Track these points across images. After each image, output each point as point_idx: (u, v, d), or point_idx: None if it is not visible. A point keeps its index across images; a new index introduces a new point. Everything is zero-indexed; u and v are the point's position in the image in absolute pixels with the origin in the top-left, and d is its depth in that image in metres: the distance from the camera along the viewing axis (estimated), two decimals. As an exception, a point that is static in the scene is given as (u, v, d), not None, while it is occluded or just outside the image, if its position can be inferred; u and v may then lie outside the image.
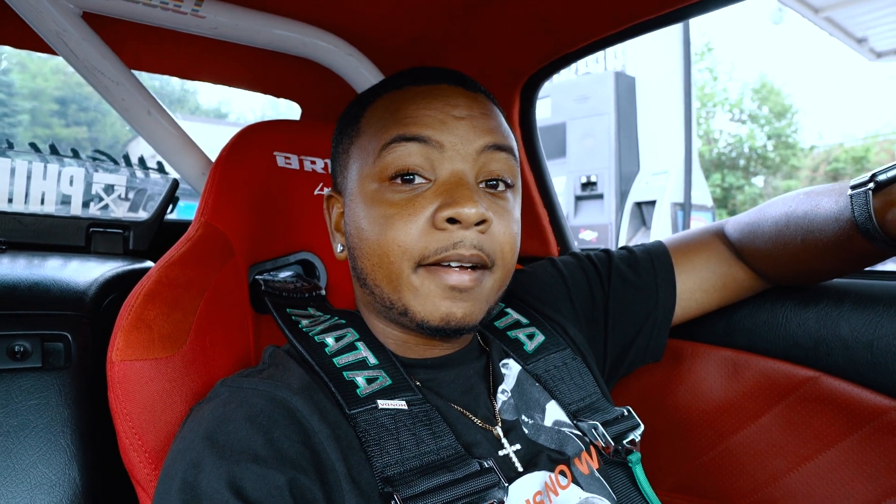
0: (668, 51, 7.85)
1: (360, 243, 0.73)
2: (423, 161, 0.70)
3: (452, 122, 0.71)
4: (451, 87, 0.74)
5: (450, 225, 0.68)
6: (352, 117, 0.79)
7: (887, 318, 0.90)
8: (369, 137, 0.74)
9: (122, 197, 1.32)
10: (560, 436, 0.77)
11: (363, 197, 0.73)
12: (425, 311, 0.70)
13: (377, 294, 0.73)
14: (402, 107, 0.72)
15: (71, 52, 1.06)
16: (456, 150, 0.70)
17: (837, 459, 0.96)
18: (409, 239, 0.68)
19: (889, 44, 6.31)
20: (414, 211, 0.69)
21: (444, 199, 0.68)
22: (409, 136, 0.70)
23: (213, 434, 0.60)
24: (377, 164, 0.71)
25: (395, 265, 0.69)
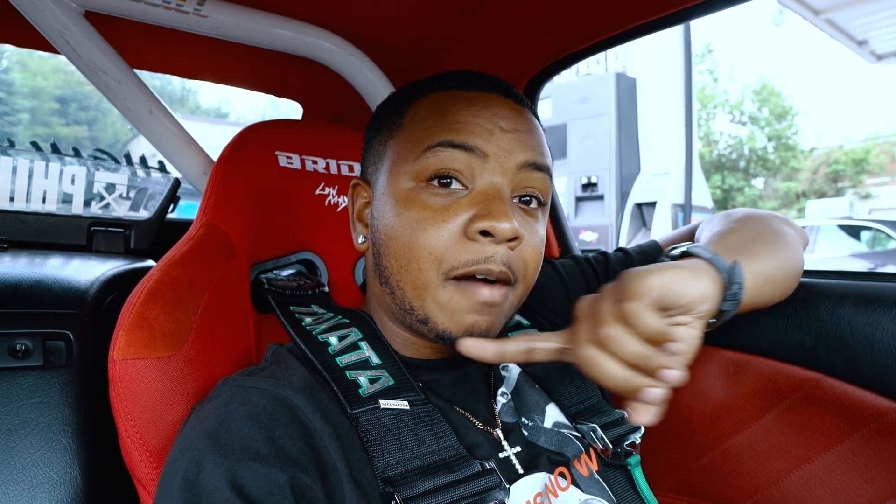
0: (669, 52, 7.86)
1: (388, 241, 0.72)
2: (465, 168, 0.69)
3: (499, 133, 0.71)
4: (499, 98, 0.74)
5: (482, 237, 0.67)
6: (394, 110, 0.78)
7: (888, 319, 0.90)
8: (413, 135, 0.73)
9: (123, 196, 1.33)
10: (560, 438, 0.77)
11: (396, 193, 0.72)
12: (450, 324, 0.69)
13: (398, 296, 0.72)
14: (451, 111, 0.72)
15: (73, 50, 1.06)
16: (498, 162, 0.70)
17: (838, 461, 0.96)
18: (440, 247, 0.68)
19: (890, 46, 6.31)
20: (448, 218, 0.68)
21: (480, 209, 0.68)
22: (456, 142, 0.69)
23: (215, 433, 0.60)
24: (418, 164, 0.70)
25: (423, 272, 0.69)
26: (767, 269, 0.78)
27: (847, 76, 37.23)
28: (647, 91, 8.11)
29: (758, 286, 0.76)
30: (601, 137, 7.98)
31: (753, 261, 0.76)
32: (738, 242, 0.78)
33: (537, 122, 0.78)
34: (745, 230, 0.82)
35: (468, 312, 0.69)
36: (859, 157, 20.85)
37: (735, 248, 0.77)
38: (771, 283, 0.80)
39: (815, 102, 35.48)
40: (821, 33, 5.90)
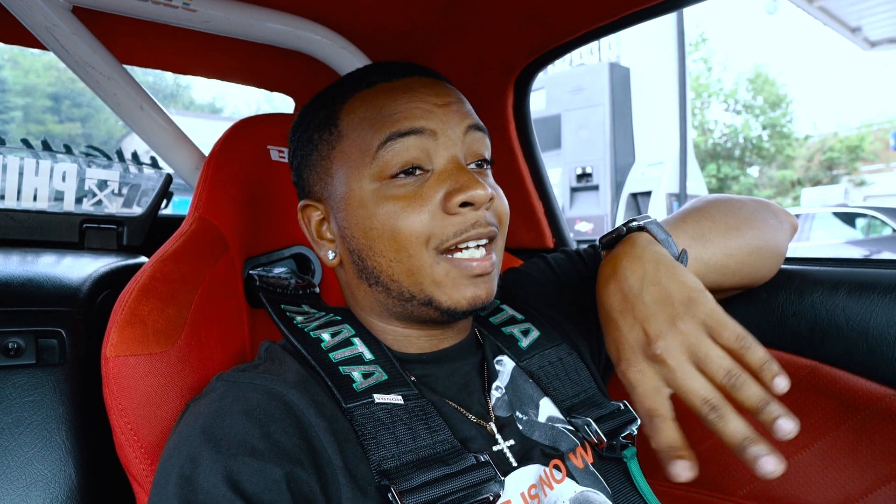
0: (663, 41, 7.85)
1: (370, 242, 0.72)
2: (421, 153, 0.71)
3: (437, 110, 0.73)
4: (421, 79, 0.76)
5: (462, 209, 0.70)
6: (323, 122, 0.77)
7: (882, 306, 0.90)
8: (357, 139, 0.73)
9: (115, 192, 1.32)
10: (554, 431, 0.77)
11: (363, 198, 0.72)
12: (452, 300, 0.71)
13: (394, 289, 0.73)
14: (385, 104, 0.73)
15: (61, 46, 1.05)
16: (447, 136, 0.72)
17: (834, 447, 0.97)
18: (425, 227, 0.70)
19: (883, 33, 6.32)
20: (423, 200, 0.70)
21: (451, 184, 0.70)
22: (403, 131, 0.70)
23: (210, 428, 0.60)
24: (375, 165, 0.71)
25: (414, 257, 0.70)
26: (716, 258, 0.80)
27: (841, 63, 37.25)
28: (641, 81, 8.10)
29: (700, 273, 0.79)
30: (595, 128, 7.98)
31: (703, 248, 0.79)
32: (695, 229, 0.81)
33: (456, 90, 0.80)
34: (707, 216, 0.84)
35: (466, 286, 0.71)
36: (854, 145, 20.89)
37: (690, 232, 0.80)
38: (717, 271, 0.82)
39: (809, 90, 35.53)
40: (814, 21, 5.90)
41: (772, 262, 0.91)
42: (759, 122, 22.57)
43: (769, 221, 0.88)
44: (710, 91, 22.84)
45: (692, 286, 0.66)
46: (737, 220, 0.85)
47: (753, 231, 0.86)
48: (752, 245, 0.86)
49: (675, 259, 0.71)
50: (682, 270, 0.68)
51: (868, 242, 8.77)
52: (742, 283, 0.89)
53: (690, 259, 0.75)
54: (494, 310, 0.91)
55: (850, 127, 23.00)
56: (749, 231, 0.85)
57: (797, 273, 1.01)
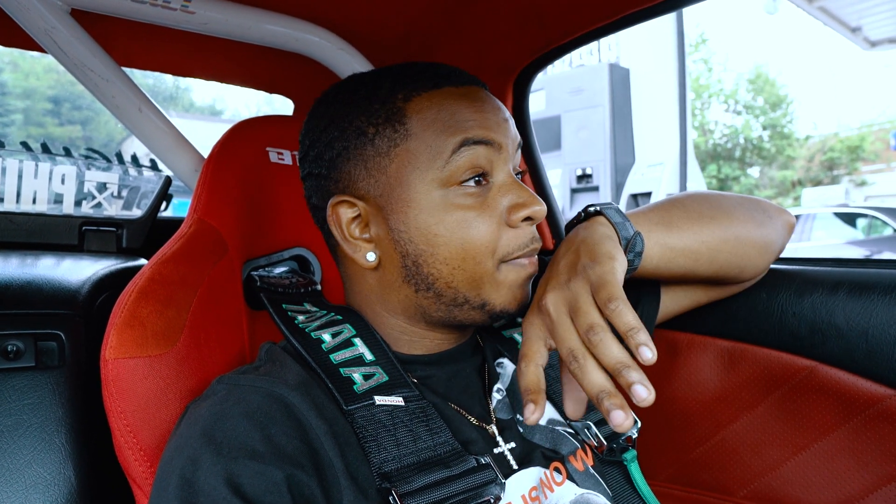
0: (662, 42, 7.84)
1: (433, 249, 0.71)
2: (486, 163, 0.72)
3: (502, 123, 0.74)
4: (480, 90, 0.76)
5: (523, 223, 0.72)
6: (386, 117, 0.72)
7: (882, 306, 0.90)
8: (427, 141, 0.70)
9: (114, 195, 1.32)
10: (554, 434, 0.77)
11: (430, 204, 0.70)
12: (506, 301, 0.73)
13: (447, 295, 0.72)
14: (456, 108, 0.72)
15: (60, 49, 1.05)
16: (508, 151, 0.74)
17: (833, 448, 0.97)
18: (493, 239, 0.71)
19: (883, 33, 6.32)
20: (489, 212, 0.71)
21: (514, 199, 0.72)
22: (477, 139, 0.71)
23: (211, 431, 0.60)
24: (447, 169, 0.70)
25: (481, 265, 0.71)
26: (684, 243, 0.80)
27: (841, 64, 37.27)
28: (641, 81, 8.09)
29: (667, 257, 0.78)
30: (595, 128, 7.98)
31: (668, 233, 0.78)
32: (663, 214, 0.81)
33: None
34: (678, 205, 0.84)
35: (519, 287, 0.74)
36: (854, 145, 20.89)
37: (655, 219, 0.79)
38: (687, 256, 0.81)
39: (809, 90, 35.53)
40: (814, 21, 5.90)
41: (756, 254, 0.89)
42: (760, 122, 22.58)
43: (754, 215, 0.87)
44: (710, 91, 22.85)
45: (602, 252, 0.66)
46: (713, 210, 0.84)
47: (732, 222, 0.84)
48: (730, 234, 0.84)
49: (618, 239, 0.72)
50: (603, 244, 0.68)
51: (869, 242, 8.77)
52: (721, 272, 0.87)
53: (654, 243, 0.76)
54: None
55: (851, 127, 23.03)
56: (726, 221, 0.84)
57: (797, 273, 1.01)
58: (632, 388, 0.54)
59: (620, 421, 0.55)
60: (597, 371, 0.58)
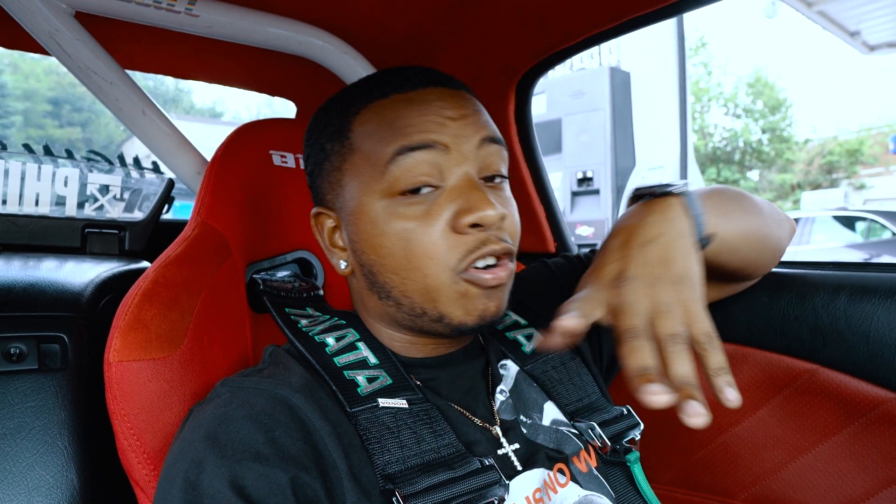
0: (663, 46, 7.85)
1: (382, 260, 0.71)
2: (431, 168, 0.69)
3: (449, 122, 0.71)
4: (437, 89, 0.74)
5: (472, 229, 0.68)
6: (336, 133, 0.75)
7: (883, 309, 0.90)
8: (368, 153, 0.71)
9: (117, 197, 1.32)
10: (558, 435, 0.77)
11: (373, 214, 0.71)
12: (464, 314, 0.70)
13: (405, 304, 0.72)
14: (396, 116, 0.71)
15: (63, 52, 1.05)
16: (459, 151, 0.70)
17: (835, 451, 0.97)
18: (436, 249, 0.68)
19: (882, 37, 6.33)
20: (433, 220, 0.69)
21: (461, 204, 0.69)
22: (413, 144, 0.69)
23: (215, 433, 0.60)
24: (385, 181, 0.69)
25: (429, 276, 0.69)
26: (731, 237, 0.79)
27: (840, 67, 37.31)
28: (642, 85, 8.09)
29: (714, 251, 0.78)
30: (596, 132, 7.97)
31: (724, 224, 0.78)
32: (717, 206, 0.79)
33: (475, 98, 0.78)
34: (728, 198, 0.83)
35: (478, 299, 0.70)
36: (853, 148, 20.90)
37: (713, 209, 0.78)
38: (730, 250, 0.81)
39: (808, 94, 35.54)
40: (813, 25, 5.91)
41: (773, 255, 0.91)
42: (759, 125, 22.59)
43: (773, 215, 0.89)
44: (710, 95, 22.86)
45: (693, 272, 0.64)
46: (750, 205, 0.85)
47: (763, 219, 0.85)
48: (762, 232, 0.85)
49: (697, 239, 0.70)
50: (694, 257, 0.66)
51: (868, 246, 8.77)
52: (745, 269, 0.88)
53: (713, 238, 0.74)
54: None
55: (850, 131, 23.00)
56: (760, 218, 0.85)
57: (798, 277, 1.01)
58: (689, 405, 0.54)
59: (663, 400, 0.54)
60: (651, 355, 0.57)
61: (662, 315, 0.59)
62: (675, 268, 0.64)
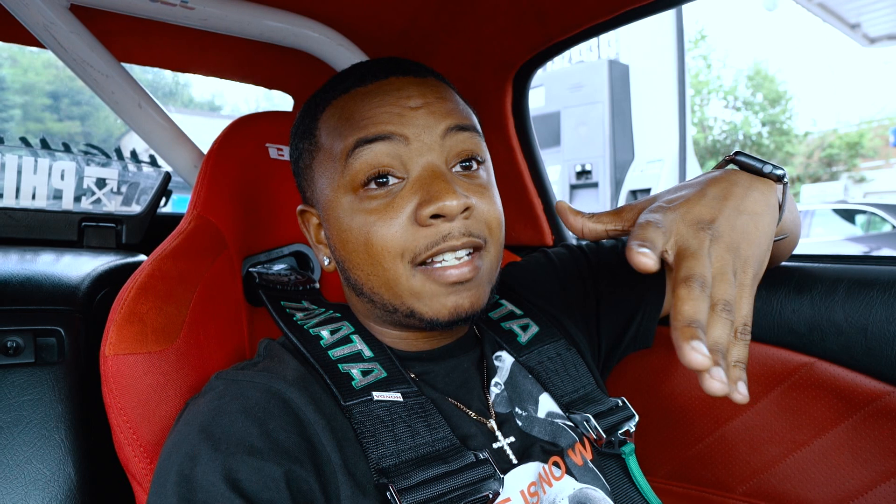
0: (662, 38, 7.83)
1: (349, 255, 0.72)
2: (392, 160, 0.68)
3: (410, 113, 0.69)
4: (399, 79, 0.72)
5: (434, 220, 0.67)
6: (305, 132, 0.77)
7: (881, 303, 0.90)
8: (330, 150, 0.72)
9: (114, 191, 1.32)
10: (553, 427, 0.77)
11: (340, 210, 0.71)
12: (433, 311, 0.69)
13: (377, 301, 0.72)
14: (355, 110, 0.70)
15: (59, 45, 1.05)
16: (421, 141, 0.69)
17: (832, 444, 0.97)
18: (395, 240, 0.67)
19: (882, 29, 6.32)
20: (394, 213, 0.68)
21: (423, 195, 0.67)
22: (370, 137, 0.68)
23: (209, 427, 0.60)
24: (346, 175, 0.69)
25: (389, 270, 0.68)
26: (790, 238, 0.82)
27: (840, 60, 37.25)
28: (641, 78, 8.08)
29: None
30: (595, 125, 7.97)
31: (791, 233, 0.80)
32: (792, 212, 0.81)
33: (447, 85, 0.76)
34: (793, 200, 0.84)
35: (445, 295, 0.69)
36: (853, 141, 20.89)
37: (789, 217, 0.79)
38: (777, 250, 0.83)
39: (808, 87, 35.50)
40: (814, 17, 5.90)
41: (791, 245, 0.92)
42: (759, 118, 22.56)
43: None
44: (709, 88, 22.83)
45: (763, 263, 0.63)
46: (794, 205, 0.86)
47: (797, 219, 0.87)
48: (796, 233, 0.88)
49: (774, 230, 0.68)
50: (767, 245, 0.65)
51: (868, 239, 8.76)
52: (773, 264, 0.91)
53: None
54: (494, 304, 0.91)
55: (850, 123, 23.02)
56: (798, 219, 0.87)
57: (796, 269, 1.01)
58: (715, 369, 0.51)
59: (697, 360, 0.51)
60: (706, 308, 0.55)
61: (725, 281, 0.57)
62: (753, 249, 0.62)
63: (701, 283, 0.56)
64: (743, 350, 0.56)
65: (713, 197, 0.65)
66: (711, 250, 0.59)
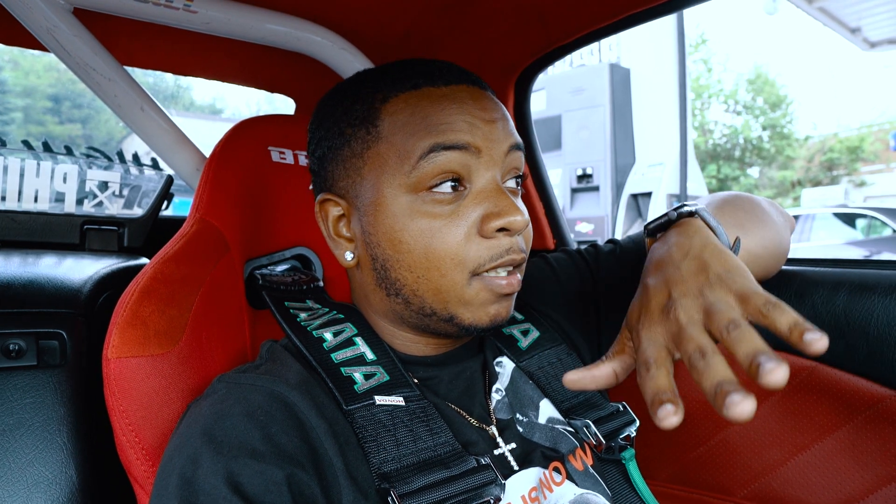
0: (663, 42, 7.85)
1: (398, 255, 0.70)
2: (462, 168, 0.69)
3: (484, 126, 0.70)
4: (468, 88, 0.72)
5: (498, 234, 0.68)
6: (360, 118, 0.73)
7: (883, 307, 0.90)
8: (398, 144, 0.69)
9: (116, 194, 1.32)
10: (554, 433, 0.77)
11: (396, 208, 0.69)
12: (475, 318, 0.70)
13: (415, 303, 0.71)
14: (431, 111, 0.69)
15: (62, 48, 1.05)
16: (490, 155, 0.70)
17: (834, 448, 0.97)
18: (460, 250, 0.68)
19: (882, 33, 6.32)
20: (459, 221, 0.68)
21: (489, 207, 0.68)
22: (447, 143, 0.68)
23: (211, 430, 0.60)
24: (414, 175, 0.68)
25: (446, 276, 0.69)
26: (754, 247, 0.79)
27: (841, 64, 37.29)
28: (642, 81, 8.10)
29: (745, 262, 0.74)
30: (596, 128, 7.98)
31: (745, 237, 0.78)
32: (733, 217, 0.79)
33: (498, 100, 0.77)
34: (739, 207, 0.83)
35: (491, 304, 0.70)
36: (854, 145, 20.88)
37: (731, 223, 0.78)
38: (755, 262, 0.80)
39: (809, 91, 35.54)
40: (814, 21, 5.90)
41: (783, 256, 0.91)
42: (760, 122, 22.57)
43: (780, 219, 0.89)
44: (710, 92, 22.85)
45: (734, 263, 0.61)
46: (762, 213, 0.84)
47: (776, 225, 0.85)
48: (777, 239, 0.85)
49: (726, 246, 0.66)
50: (728, 253, 0.63)
51: (868, 243, 8.76)
52: (764, 276, 0.89)
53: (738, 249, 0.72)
54: None
55: (851, 128, 23.01)
56: (774, 225, 0.85)
57: (798, 274, 1.01)
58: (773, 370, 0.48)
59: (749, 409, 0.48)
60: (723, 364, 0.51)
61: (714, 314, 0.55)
62: (713, 269, 0.60)
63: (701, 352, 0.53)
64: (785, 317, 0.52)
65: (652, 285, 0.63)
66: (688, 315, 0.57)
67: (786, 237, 0.89)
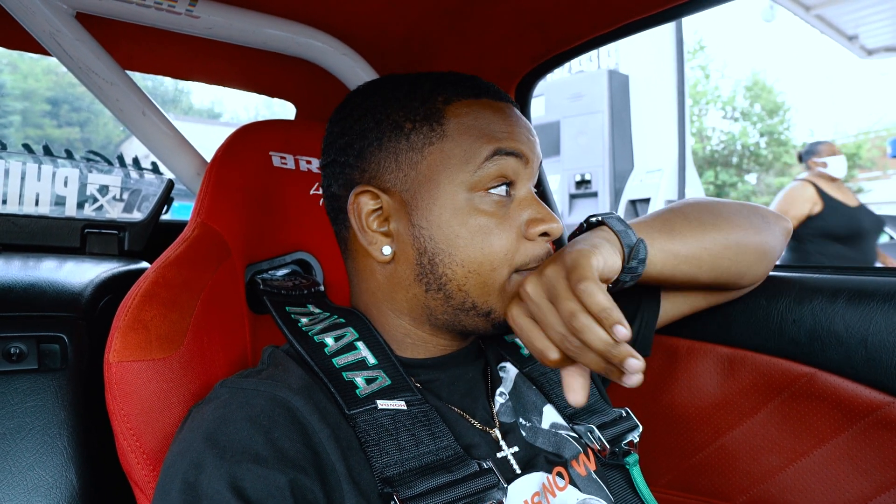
0: (661, 49, 7.86)
1: (452, 250, 0.72)
2: (514, 175, 0.74)
3: (530, 140, 0.76)
4: (511, 105, 0.79)
5: (539, 237, 0.74)
6: (425, 114, 0.74)
7: (881, 313, 0.90)
8: (462, 145, 0.72)
9: (116, 198, 1.32)
10: (557, 438, 0.77)
11: (456, 205, 0.72)
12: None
13: (457, 298, 0.73)
14: (492, 119, 0.74)
15: (64, 52, 1.05)
16: (532, 167, 0.76)
17: (833, 455, 0.97)
18: (512, 249, 0.73)
19: (880, 41, 6.33)
20: (511, 222, 0.73)
21: (532, 213, 0.74)
22: (508, 150, 0.73)
23: (214, 435, 0.60)
24: (475, 175, 0.72)
25: (496, 271, 0.72)
26: (687, 250, 0.81)
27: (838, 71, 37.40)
28: (640, 88, 8.10)
29: (671, 264, 0.80)
30: (594, 134, 7.98)
31: (671, 240, 0.80)
32: (665, 222, 0.82)
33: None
34: (679, 213, 0.85)
35: None
36: (851, 152, 20.90)
37: (657, 227, 0.80)
38: (690, 263, 0.82)
39: (806, 98, 35.65)
40: (811, 29, 5.92)
41: (756, 259, 0.90)
42: (757, 129, 22.61)
43: (753, 221, 0.89)
44: (707, 98, 22.89)
45: (582, 249, 0.67)
46: (713, 217, 0.85)
47: (732, 228, 0.86)
48: (731, 241, 0.85)
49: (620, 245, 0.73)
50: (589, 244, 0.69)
51: (866, 250, 8.77)
52: (721, 278, 0.88)
53: (657, 250, 0.77)
54: None
55: (848, 134, 23.06)
56: (726, 227, 0.85)
57: (796, 280, 1.02)
58: (627, 362, 0.57)
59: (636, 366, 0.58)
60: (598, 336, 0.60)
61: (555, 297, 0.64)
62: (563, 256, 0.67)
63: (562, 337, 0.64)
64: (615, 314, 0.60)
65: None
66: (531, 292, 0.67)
67: (752, 239, 0.88)
